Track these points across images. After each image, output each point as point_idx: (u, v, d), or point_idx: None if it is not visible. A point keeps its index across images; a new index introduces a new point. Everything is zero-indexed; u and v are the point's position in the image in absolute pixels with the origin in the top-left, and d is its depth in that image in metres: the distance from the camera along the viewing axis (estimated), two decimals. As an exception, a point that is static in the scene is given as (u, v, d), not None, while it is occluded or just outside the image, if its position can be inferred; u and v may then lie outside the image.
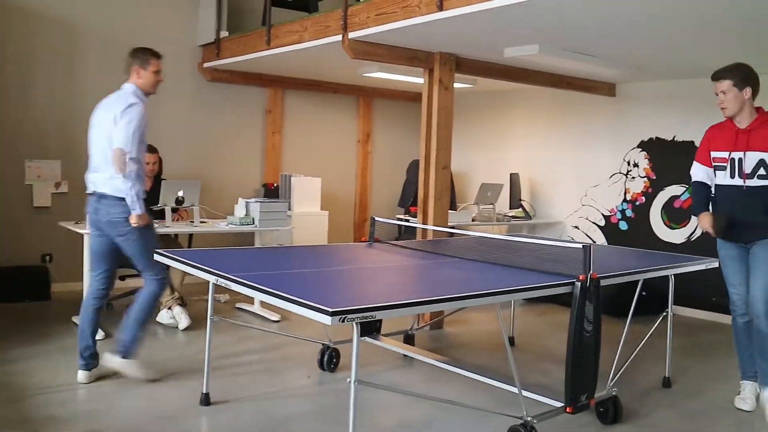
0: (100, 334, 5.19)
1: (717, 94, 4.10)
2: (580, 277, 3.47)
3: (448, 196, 6.02)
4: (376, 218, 4.97)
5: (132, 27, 7.10)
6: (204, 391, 3.96)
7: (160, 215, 5.75)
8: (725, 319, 6.68)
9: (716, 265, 4.67)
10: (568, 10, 4.32)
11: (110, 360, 4.24)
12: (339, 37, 5.35)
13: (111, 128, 4.07)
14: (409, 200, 8.50)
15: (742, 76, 4.02)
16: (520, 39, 5.20)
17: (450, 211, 6.32)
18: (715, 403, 4.38)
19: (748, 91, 4.00)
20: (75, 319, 5.62)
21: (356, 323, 2.68)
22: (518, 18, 4.57)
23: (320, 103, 8.64)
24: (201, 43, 7.39)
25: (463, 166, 8.96)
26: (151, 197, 5.85)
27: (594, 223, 7.77)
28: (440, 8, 4.48)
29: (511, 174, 7.90)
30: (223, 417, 3.81)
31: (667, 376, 4.66)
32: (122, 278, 6.24)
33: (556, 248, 4.79)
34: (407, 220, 6.34)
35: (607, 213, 7.66)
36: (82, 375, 4.24)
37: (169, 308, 5.71)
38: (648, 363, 4.90)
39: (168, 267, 5.78)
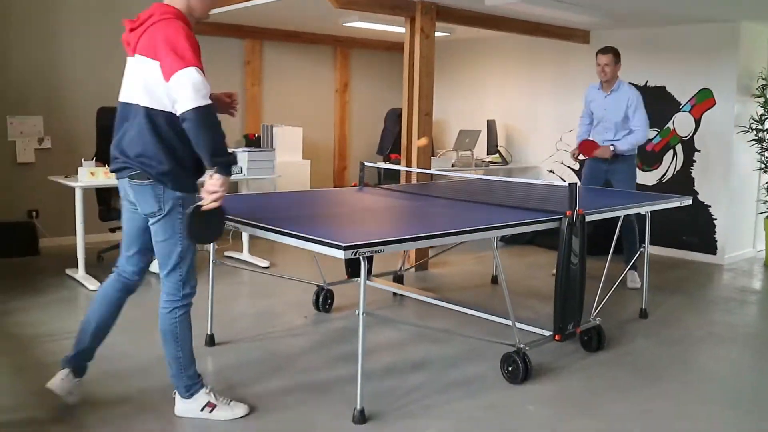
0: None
1: None
2: (567, 213, 3.69)
3: (431, 142, 6.19)
4: (366, 163, 5.13)
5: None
6: (209, 332, 4.14)
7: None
8: (693, 256, 7.04)
9: (690, 202, 4.95)
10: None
11: None
12: (324, -13, 5.43)
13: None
14: (387, 148, 8.67)
15: None
16: (500, -13, 5.34)
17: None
18: (688, 331, 4.68)
19: None
20: (68, 271, 5.76)
21: (364, 257, 2.88)
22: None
23: (298, 54, 8.70)
24: (179, -5, 7.37)
25: (441, 114, 9.10)
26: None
27: (569, 167, 8.01)
28: (425, -43, 4.59)
29: (488, 120, 8.08)
30: (229, 356, 3.99)
31: (643, 307, 4.94)
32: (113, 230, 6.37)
33: (536, 187, 5.02)
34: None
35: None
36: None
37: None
38: (624, 297, 5.18)
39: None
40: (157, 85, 2.82)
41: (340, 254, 2.74)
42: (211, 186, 2.84)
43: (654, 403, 3.49)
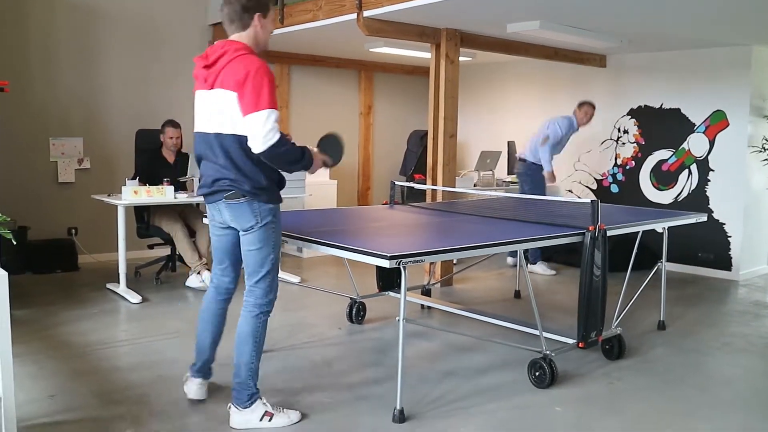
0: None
1: None
2: (590, 228, 3.95)
3: (455, 162, 6.46)
4: (396, 182, 5.41)
5: (146, 7, 7.45)
6: (251, 341, 4.39)
7: (184, 187, 6.17)
8: (709, 272, 7.24)
9: (704, 219, 5.18)
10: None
11: None
12: (354, 16, 5.73)
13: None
14: (410, 168, 8.95)
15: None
16: (521, 15, 5.62)
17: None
18: (705, 342, 4.90)
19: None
20: (109, 286, 6.06)
21: (404, 266, 3.15)
22: (523, -3, 4.99)
23: (324, 77, 9.03)
24: (212, 22, 7.73)
25: (463, 135, 9.37)
26: (175, 170, 6.28)
27: (587, 186, 8.26)
28: (453, -11, 4.89)
29: (508, 142, 8.36)
30: (272, 363, 4.23)
31: (662, 319, 5.17)
32: (151, 247, 6.67)
33: (557, 205, 5.29)
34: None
35: (599, 177, 8.15)
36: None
37: (198, 273, 6.13)
38: (643, 310, 5.41)
39: (195, 233, 6.27)
40: (240, 114, 3.10)
41: (385, 263, 3.01)
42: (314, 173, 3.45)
43: (672, 404, 3.72)
